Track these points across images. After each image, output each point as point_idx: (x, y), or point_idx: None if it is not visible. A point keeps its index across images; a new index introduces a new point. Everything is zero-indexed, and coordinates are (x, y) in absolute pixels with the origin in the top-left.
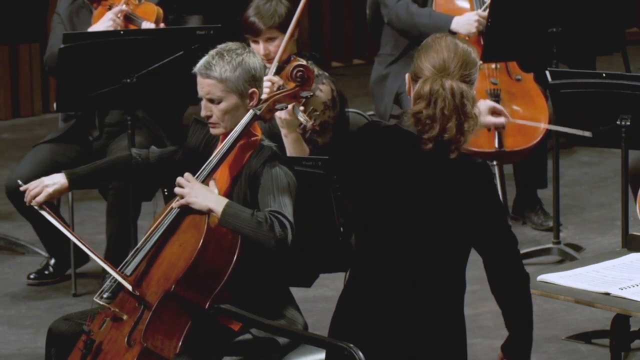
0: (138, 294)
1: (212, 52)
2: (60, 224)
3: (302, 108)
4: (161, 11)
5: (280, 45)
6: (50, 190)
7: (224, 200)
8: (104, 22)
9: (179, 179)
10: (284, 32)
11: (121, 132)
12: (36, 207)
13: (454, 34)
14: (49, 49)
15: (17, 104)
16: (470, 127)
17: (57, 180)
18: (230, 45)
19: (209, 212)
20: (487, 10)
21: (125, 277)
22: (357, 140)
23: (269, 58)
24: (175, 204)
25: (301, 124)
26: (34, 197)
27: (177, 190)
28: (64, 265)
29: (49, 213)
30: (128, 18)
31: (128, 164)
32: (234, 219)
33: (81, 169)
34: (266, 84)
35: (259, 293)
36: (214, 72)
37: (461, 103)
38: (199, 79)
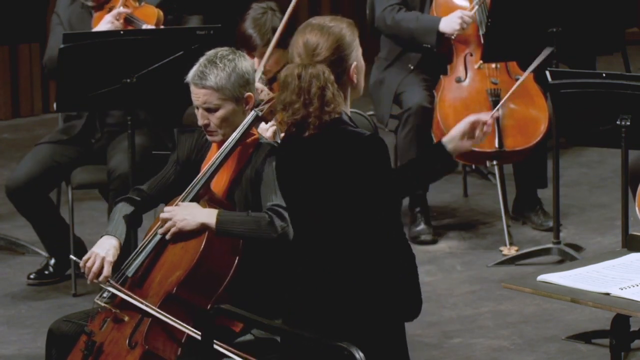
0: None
1: (203, 60)
2: (131, 296)
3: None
4: (162, 14)
5: (275, 59)
6: (111, 259)
7: (214, 211)
8: (103, 25)
9: (162, 216)
10: (280, 46)
11: (121, 132)
12: (102, 285)
13: (442, 34)
14: (47, 52)
15: (17, 104)
16: (329, 104)
17: (109, 246)
18: (221, 51)
19: (204, 228)
20: (473, 11)
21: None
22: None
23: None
24: (167, 236)
25: None
26: (97, 274)
27: (163, 220)
28: (64, 265)
29: (115, 287)
30: (128, 20)
31: (140, 209)
32: (229, 225)
33: (120, 229)
34: None
35: (260, 293)
36: (209, 81)
37: (308, 85)
38: (194, 89)
